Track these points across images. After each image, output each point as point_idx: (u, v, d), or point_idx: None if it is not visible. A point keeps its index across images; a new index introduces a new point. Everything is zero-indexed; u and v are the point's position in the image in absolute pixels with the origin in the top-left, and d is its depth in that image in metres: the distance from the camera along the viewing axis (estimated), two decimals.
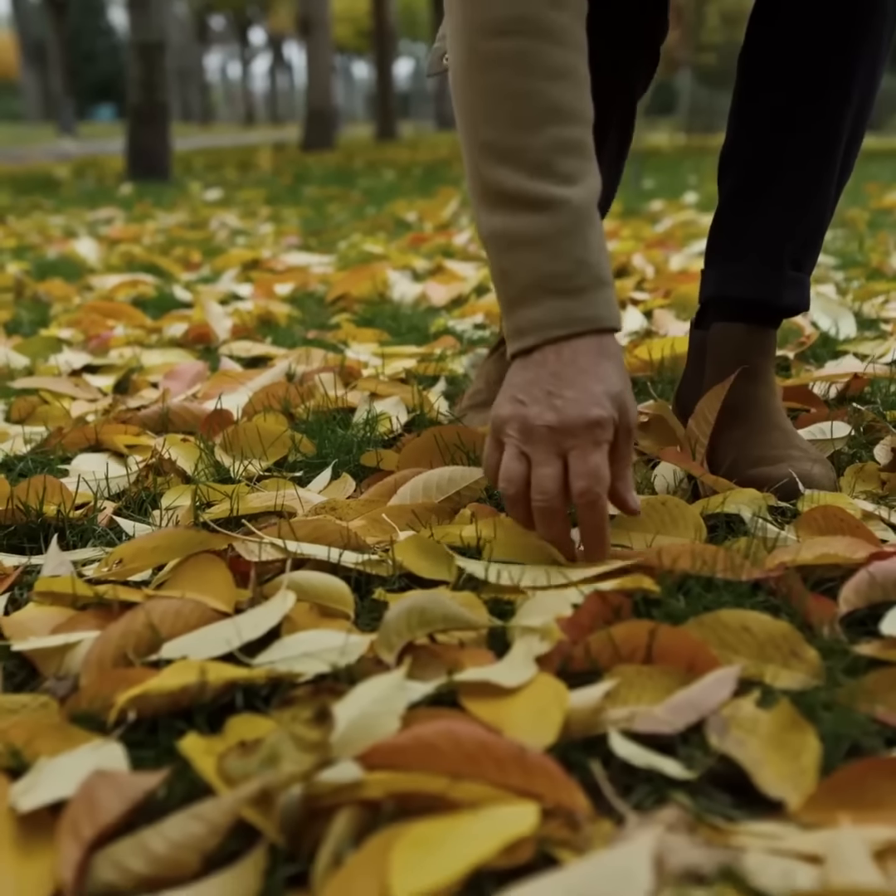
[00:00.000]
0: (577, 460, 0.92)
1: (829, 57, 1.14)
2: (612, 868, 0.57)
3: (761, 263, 1.21)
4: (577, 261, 0.93)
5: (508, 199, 0.94)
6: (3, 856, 0.63)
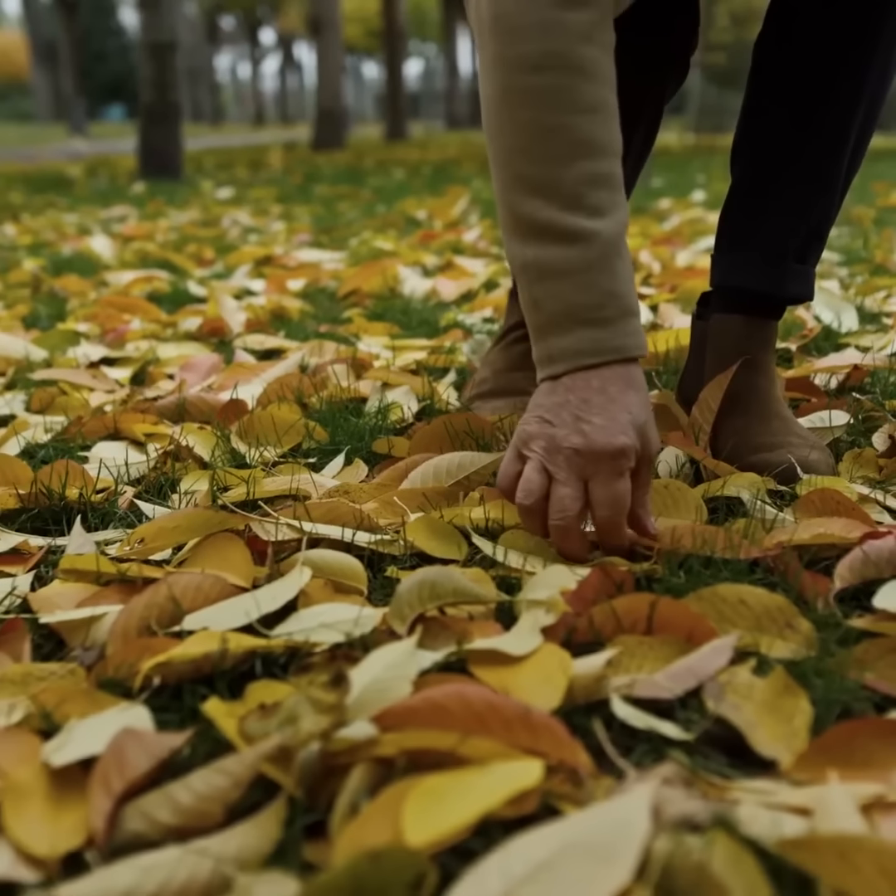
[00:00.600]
0: (600, 488, 0.95)
1: (842, 57, 1.17)
2: (611, 817, 0.60)
3: (765, 255, 1.25)
4: (606, 293, 0.96)
5: (540, 230, 0.97)
6: (37, 807, 0.67)
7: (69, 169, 9.76)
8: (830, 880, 0.57)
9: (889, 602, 0.87)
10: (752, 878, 0.58)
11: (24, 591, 0.98)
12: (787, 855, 0.58)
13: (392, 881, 0.56)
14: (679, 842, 0.59)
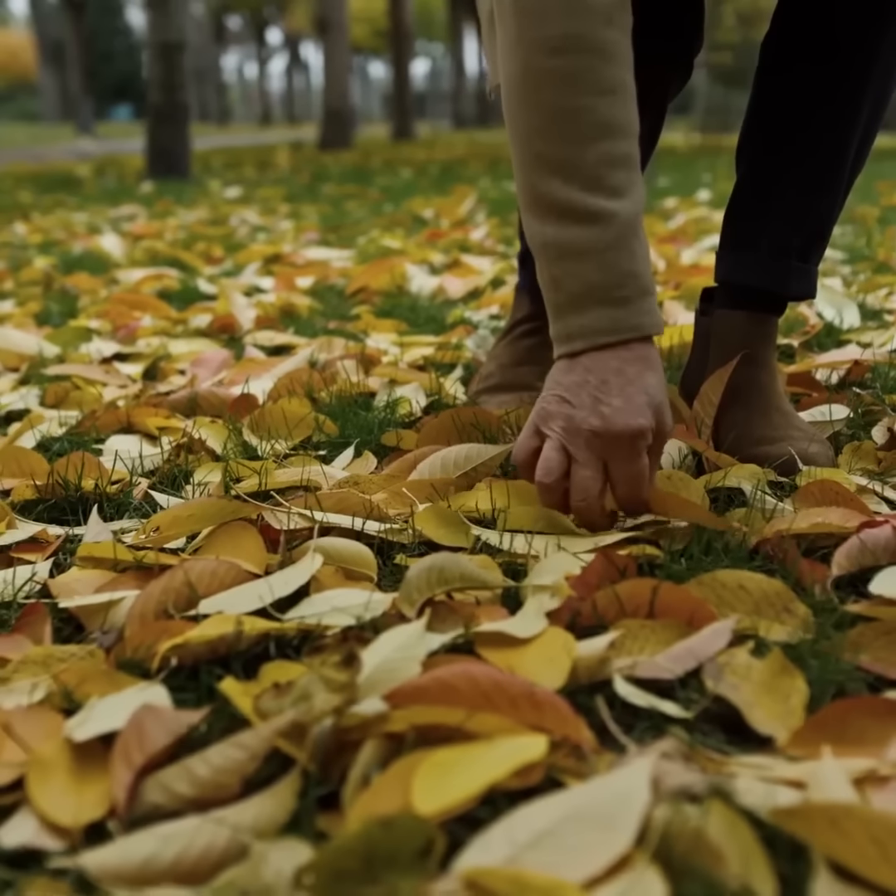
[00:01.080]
0: (619, 468, 0.99)
1: (847, 59, 1.19)
2: (612, 788, 0.63)
3: (769, 254, 1.27)
4: (625, 272, 0.99)
5: (560, 210, 0.99)
6: (61, 780, 0.70)
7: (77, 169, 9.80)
8: (822, 847, 0.60)
9: (884, 587, 0.90)
10: (747, 844, 0.60)
11: (44, 577, 1.00)
12: (780, 823, 0.61)
13: (402, 847, 0.59)
14: (677, 810, 0.62)
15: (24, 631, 0.90)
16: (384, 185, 6.91)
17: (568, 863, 0.59)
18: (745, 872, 0.59)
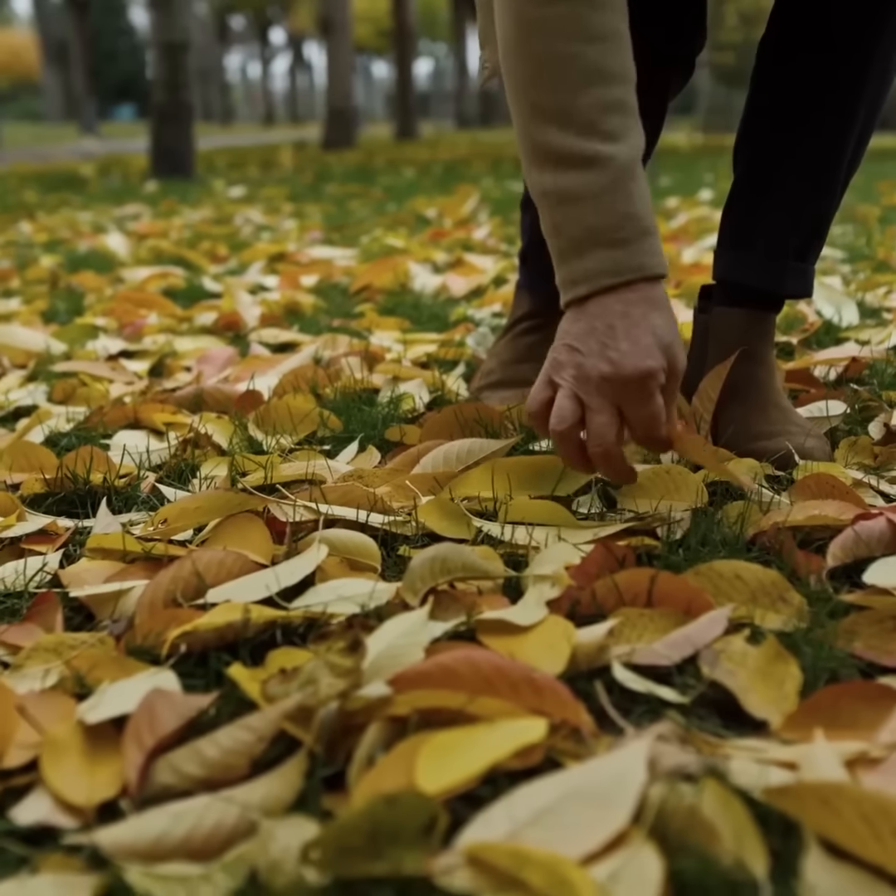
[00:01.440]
0: (633, 411, 1.00)
1: (844, 59, 1.21)
2: (610, 768, 0.65)
3: (766, 253, 1.29)
4: (623, 215, 1.00)
5: (557, 157, 1.01)
6: (74, 761, 0.72)
7: (82, 168, 9.82)
8: (813, 825, 0.62)
9: (878, 577, 0.92)
10: (741, 821, 0.62)
11: (54, 567, 1.02)
12: (772, 802, 0.63)
13: (406, 823, 0.60)
14: (672, 789, 0.63)
15: (35, 619, 0.92)
16: (387, 184, 6.92)
17: (566, 839, 0.61)
18: (739, 849, 0.61)
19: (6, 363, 1.93)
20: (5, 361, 1.93)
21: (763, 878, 0.59)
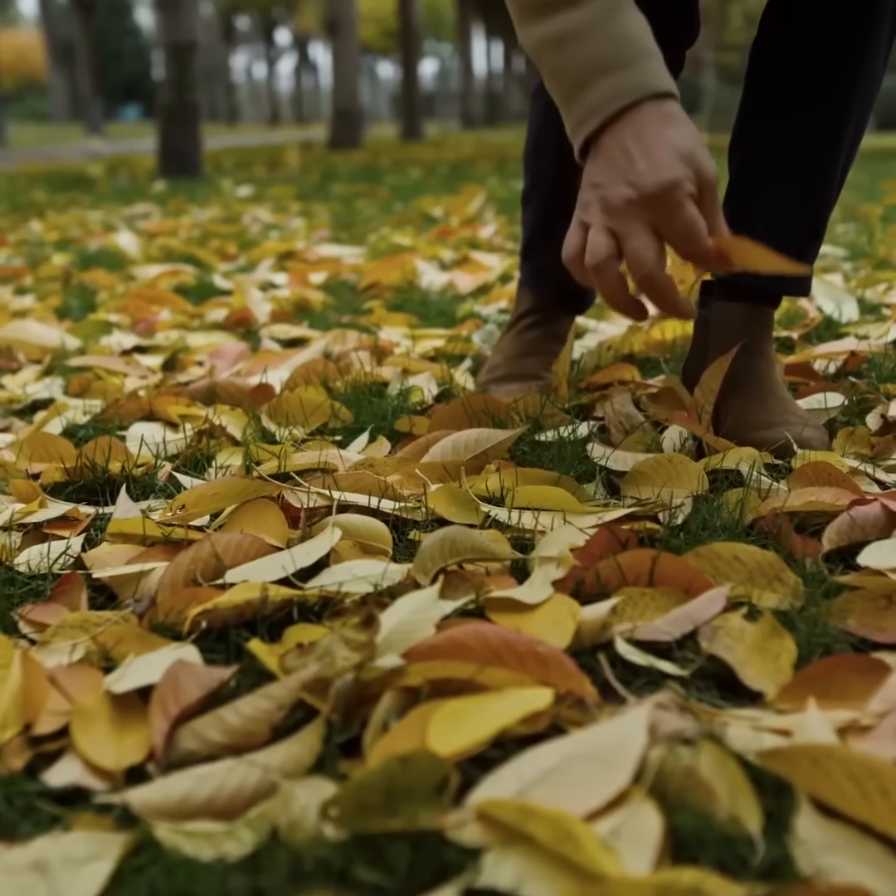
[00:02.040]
0: (668, 227, 0.97)
1: (835, 63, 1.24)
2: (612, 732, 0.69)
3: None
4: (619, 38, 1.00)
5: (545, 4, 1.02)
6: (102, 728, 0.75)
7: (90, 168, 9.87)
8: (805, 785, 0.65)
9: (871, 559, 0.95)
10: (736, 781, 0.66)
11: (76, 551, 1.06)
12: (766, 764, 0.66)
13: (419, 782, 0.64)
14: (671, 752, 0.67)
15: (59, 599, 0.96)
16: (393, 184, 6.96)
17: (571, 798, 0.65)
18: (734, 807, 0.65)
19: (22, 358, 1.97)
20: (21, 357, 1.97)
21: (757, 833, 0.63)
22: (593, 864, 0.58)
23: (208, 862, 0.63)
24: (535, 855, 0.60)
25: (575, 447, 1.28)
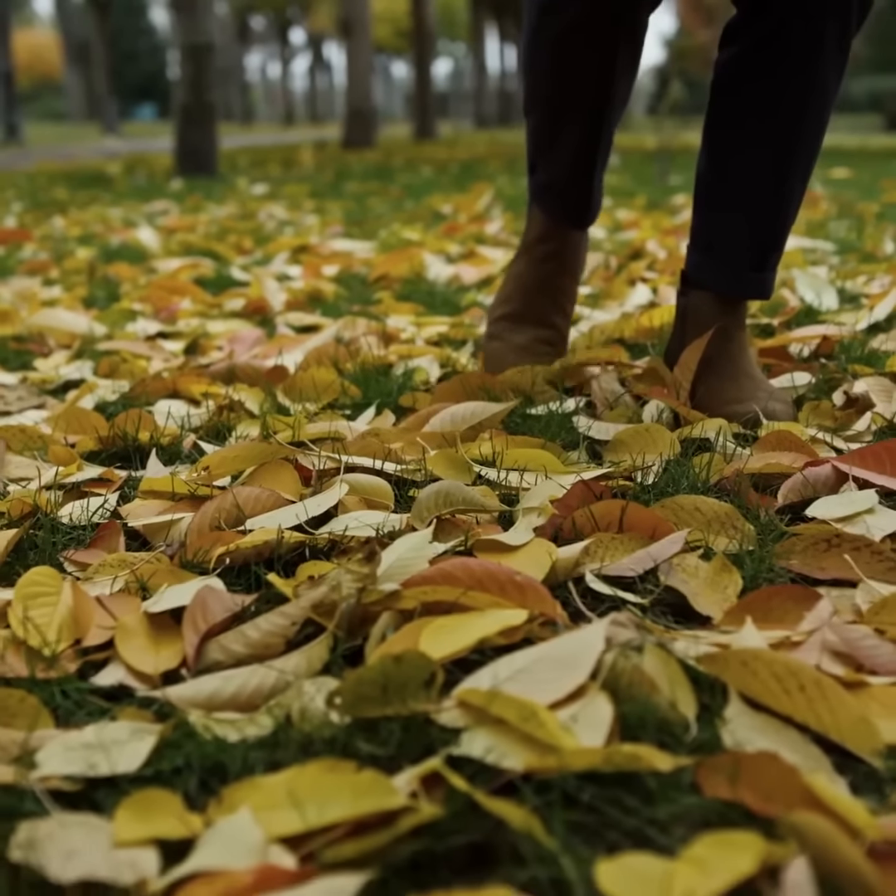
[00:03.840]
0: None
1: (788, 98, 1.36)
2: (575, 640, 0.81)
3: (723, 260, 1.44)
4: None
5: None
6: (142, 641, 0.88)
7: (108, 167, 10.02)
8: (735, 683, 0.78)
9: (818, 511, 1.08)
10: (676, 677, 0.78)
11: (113, 505, 1.19)
12: (703, 666, 0.79)
13: (411, 677, 0.77)
14: (623, 654, 0.80)
15: (99, 545, 1.09)
16: (405, 182, 7.09)
17: (538, 691, 0.77)
18: (674, 698, 0.77)
19: (52, 344, 2.10)
20: (51, 342, 2.10)
21: (692, 719, 0.75)
22: (553, 739, 0.71)
23: (233, 742, 0.75)
24: (503, 732, 0.73)
25: (562, 419, 1.40)
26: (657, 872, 0.59)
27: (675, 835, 0.65)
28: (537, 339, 1.65)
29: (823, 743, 0.74)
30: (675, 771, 0.70)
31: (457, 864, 0.64)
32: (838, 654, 0.84)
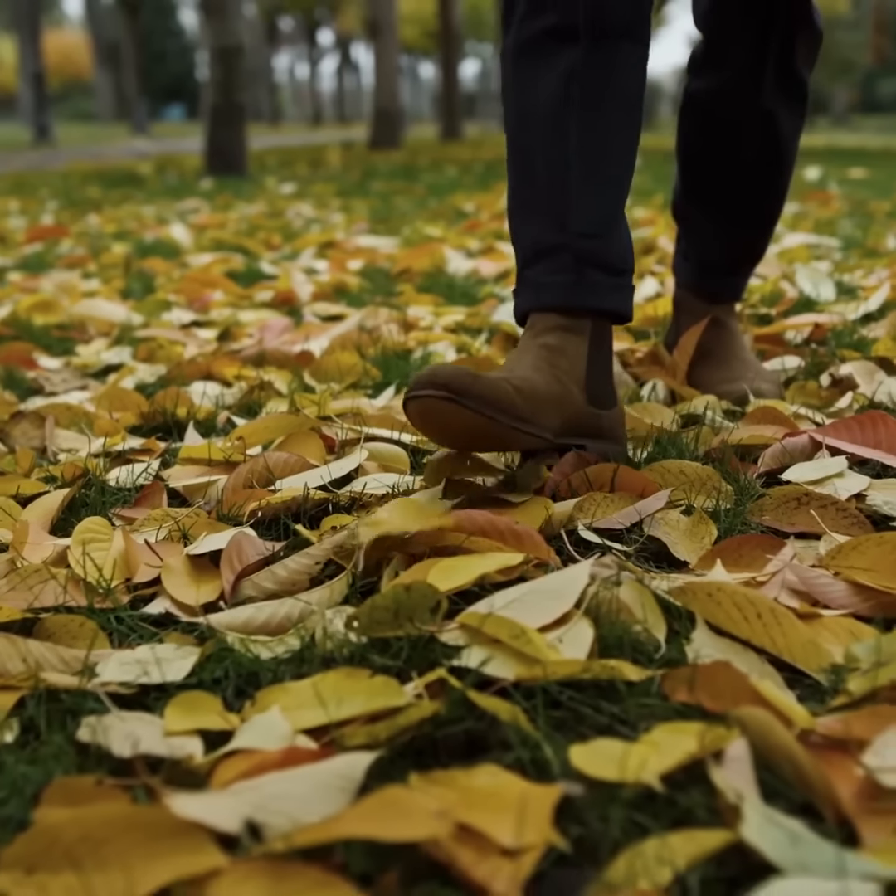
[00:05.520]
0: None
1: (757, 171, 1.47)
2: (563, 575, 0.93)
3: (699, 265, 1.57)
4: None
5: None
6: (185, 578, 1.00)
7: (139, 166, 10.19)
8: (702, 612, 0.89)
9: (793, 475, 1.19)
10: (650, 606, 0.90)
11: (155, 469, 1.31)
12: (674, 597, 0.90)
13: (419, 603, 0.88)
14: (604, 586, 0.91)
15: (144, 503, 1.21)
16: (430, 182, 7.22)
17: (528, 617, 0.89)
18: (648, 624, 0.88)
19: (92, 331, 2.23)
20: (91, 330, 2.24)
21: (662, 641, 0.87)
22: (539, 653, 0.82)
23: (265, 658, 0.87)
24: (497, 649, 0.84)
25: None
26: (619, 752, 0.71)
27: (639, 729, 0.77)
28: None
29: (777, 663, 0.85)
30: (645, 680, 0.81)
31: (454, 750, 0.75)
32: (797, 591, 0.95)
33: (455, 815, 0.65)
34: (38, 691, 0.82)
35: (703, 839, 0.63)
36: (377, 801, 0.64)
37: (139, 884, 0.61)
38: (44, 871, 0.62)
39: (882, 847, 0.63)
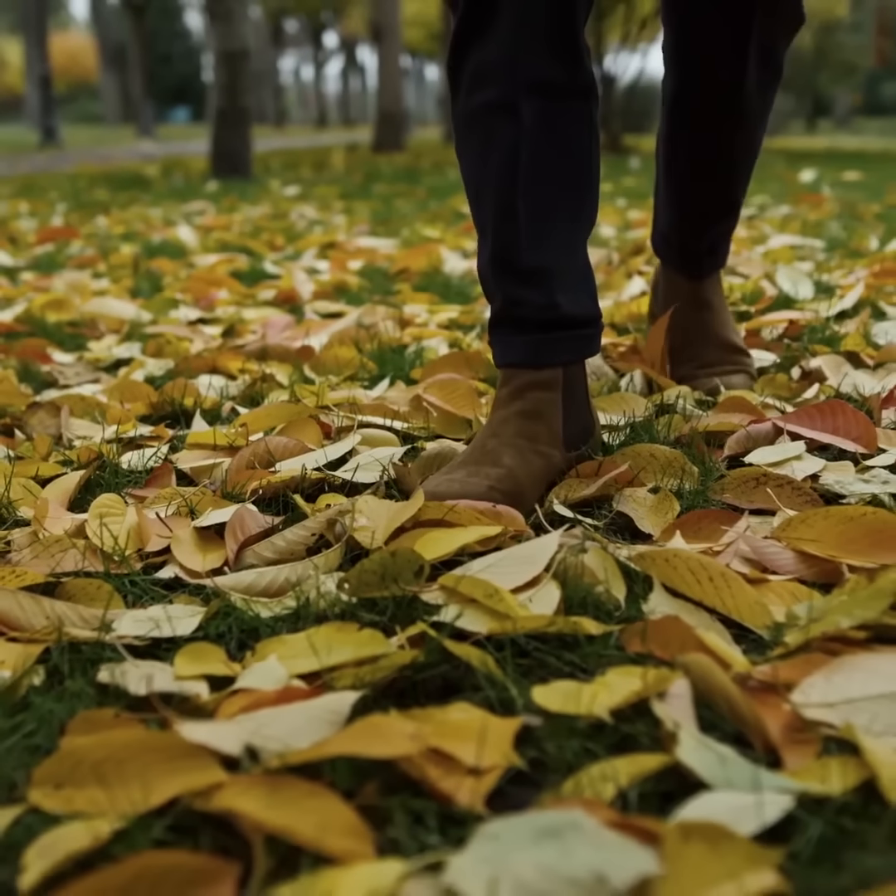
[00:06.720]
0: None
1: (727, 147, 1.53)
2: (535, 544, 1.02)
3: (678, 249, 1.64)
4: None
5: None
6: (192, 547, 1.10)
7: (145, 169, 10.30)
8: (659, 576, 0.99)
9: (755, 458, 1.29)
10: (612, 570, 0.99)
11: (164, 453, 1.41)
12: (634, 562, 1.00)
13: (404, 567, 0.98)
14: (571, 552, 1.01)
15: (154, 484, 1.31)
16: (432, 184, 7.32)
17: (503, 579, 0.98)
18: (609, 586, 0.98)
19: (103, 328, 2.33)
20: (102, 327, 2.34)
21: (622, 601, 0.96)
22: (510, 610, 0.92)
23: (265, 616, 0.97)
24: (473, 607, 0.94)
25: None
26: (575, 690, 0.81)
27: (596, 675, 0.86)
28: None
29: (727, 622, 0.95)
30: (604, 634, 0.91)
31: (431, 693, 0.85)
32: (749, 559, 1.05)
33: (428, 740, 0.74)
34: (61, 643, 0.92)
35: (643, 761, 0.73)
36: (360, 726, 0.74)
37: (154, 795, 0.71)
38: (70, 786, 0.72)
39: (800, 769, 0.73)
